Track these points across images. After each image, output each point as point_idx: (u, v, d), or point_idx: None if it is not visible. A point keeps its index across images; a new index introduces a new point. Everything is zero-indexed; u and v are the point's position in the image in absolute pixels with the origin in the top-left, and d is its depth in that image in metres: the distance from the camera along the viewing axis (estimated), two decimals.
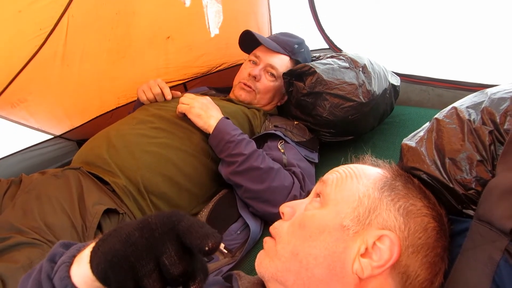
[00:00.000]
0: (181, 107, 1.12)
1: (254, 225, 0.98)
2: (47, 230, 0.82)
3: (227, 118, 1.11)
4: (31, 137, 1.57)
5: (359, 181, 0.58)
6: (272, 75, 1.31)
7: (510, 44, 1.24)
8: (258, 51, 1.33)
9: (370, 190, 0.56)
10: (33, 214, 0.84)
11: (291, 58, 1.32)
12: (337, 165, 0.65)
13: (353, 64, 1.18)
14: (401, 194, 0.56)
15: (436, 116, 0.68)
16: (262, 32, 1.83)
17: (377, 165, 0.63)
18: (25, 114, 1.45)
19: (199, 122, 1.08)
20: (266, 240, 0.60)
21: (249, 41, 1.35)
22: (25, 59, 1.22)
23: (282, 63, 1.31)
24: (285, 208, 0.61)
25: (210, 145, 1.09)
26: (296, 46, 1.33)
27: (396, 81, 1.31)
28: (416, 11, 1.48)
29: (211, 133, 1.07)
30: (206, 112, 1.09)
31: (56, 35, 1.21)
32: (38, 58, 1.24)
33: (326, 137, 1.26)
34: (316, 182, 1.13)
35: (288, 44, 1.32)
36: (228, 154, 1.03)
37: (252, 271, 0.92)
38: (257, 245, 1.00)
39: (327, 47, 1.78)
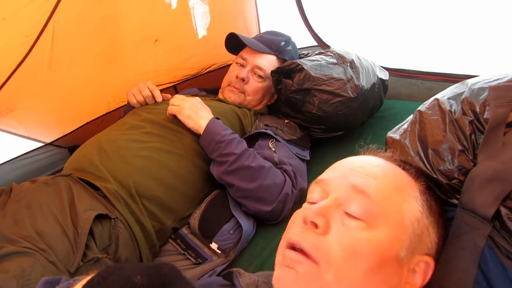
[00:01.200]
0: (171, 109, 1.12)
1: (246, 225, 0.98)
2: (39, 238, 0.81)
3: (218, 118, 1.11)
4: (21, 146, 1.56)
5: (403, 196, 0.54)
6: (260, 76, 1.31)
7: (497, 36, 1.25)
8: (244, 53, 1.34)
9: (419, 214, 0.53)
10: (24, 222, 0.83)
11: (278, 57, 1.33)
12: (330, 161, 0.63)
13: (341, 59, 1.19)
14: (437, 216, 0.56)
15: (419, 108, 0.69)
16: (251, 32, 1.83)
17: (395, 161, 0.60)
18: (14, 123, 1.43)
19: (190, 123, 1.09)
20: (299, 260, 0.48)
21: (235, 43, 1.35)
22: (11, 67, 1.21)
23: (269, 63, 1.31)
24: (318, 218, 0.49)
25: (201, 146, 1.09)
26: (282, 44, 1.34)
27: (384, 75, 1.32)
28: (404, 5, 1.49)
29: (201, 134, 1.07)
30: (196, 113, 1.09)
31: (43, 42, 1.21)
32: (25, 65, 1.23)
33: (316, 133, 1.27)
34: (307, 180, 1.14)
35: (274, 43, 1.33)
36: (219, 154, 1.03)
37: (246, 268, 0.92)
38: (250, 244, 1.01)
39: (316, 44, 1.79)
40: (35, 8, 1.09)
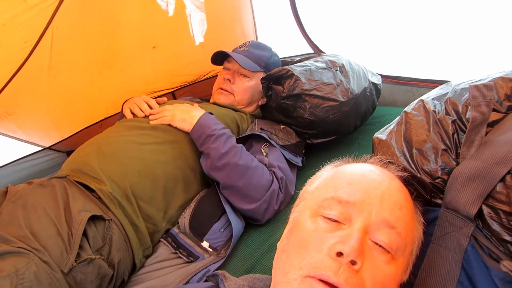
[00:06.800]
0: (165, 120, 1.13)
1: (236, 221, 0.98)
2: (33, 239, 0.81)
3: (211, 114, 1.13)
4: (20, 149, 1.57)
5: (415, 223, 0.56)
6: (245, 76, 1.35)
7: (492, 43, 1.26)
8: (229, 62, 1.38)
9: (421, 235, 0.57)
10: (19, 223, 0.84)
11: (265, 72, 1.37)
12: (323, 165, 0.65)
13: (331, 64, 1.19)
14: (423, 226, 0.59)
15: (405, 109, 0.69)
16: (248, 39, 1.85)
17: (400, 174, 0.59)
18: (13, 127, 1.45)
19: (185, 126, 1.11)
20: None
21: (220, 56, 1.38)
22: (11, 72, 1.23)
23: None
24: (359, 258, 0.47)
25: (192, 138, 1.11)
26: (268, 58, 1.38)
27: (377, 79, 1.33)
28: (400, 13, 1.51)
29: (192, 126, 1.09)
30: (188, 114, 1.12)
31: (42, 47, 1.23)
32: (24, 70, 1.25)
33: (310, 138, 1.27)
34: (300, 184, 1.14)
35: (262, 59, 1.37)
36: (207, 147, 1.05)
37: (237, 269, 0.92)
38: (242, 246, 1.00)
39: (312, 52, 1.81)
40: (34, 14, 1.12)
